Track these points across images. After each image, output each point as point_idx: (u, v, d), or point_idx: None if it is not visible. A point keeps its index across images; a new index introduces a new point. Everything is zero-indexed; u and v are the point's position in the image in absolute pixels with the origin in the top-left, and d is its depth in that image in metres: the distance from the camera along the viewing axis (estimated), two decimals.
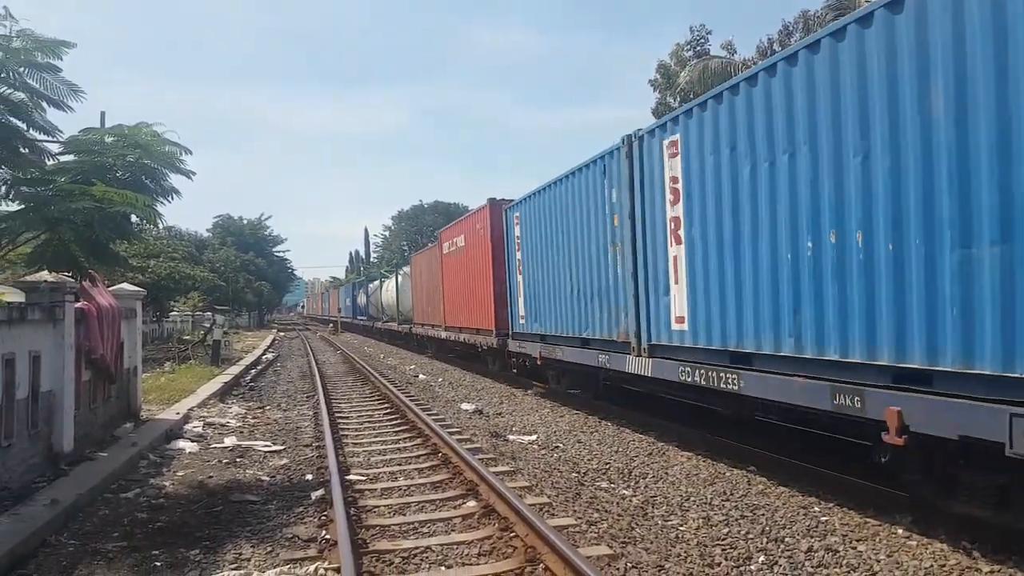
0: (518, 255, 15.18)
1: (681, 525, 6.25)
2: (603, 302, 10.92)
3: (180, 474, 8.62)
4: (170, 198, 8.05)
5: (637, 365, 9.74)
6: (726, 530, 6.09)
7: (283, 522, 6.60)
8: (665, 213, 8.97)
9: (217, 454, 9.74)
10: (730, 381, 7.56)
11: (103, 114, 9.12)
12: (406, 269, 31.24)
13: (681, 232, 8.63)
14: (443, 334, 22.36)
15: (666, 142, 8.87)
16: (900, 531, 5.93)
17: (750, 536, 5.92)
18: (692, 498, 7.01)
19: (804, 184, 6.54)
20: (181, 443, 10.31)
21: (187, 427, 11.51)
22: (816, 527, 6.08)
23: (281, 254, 76.81)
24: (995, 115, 4.87)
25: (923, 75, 5.37)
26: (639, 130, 9.57)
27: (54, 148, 7.84)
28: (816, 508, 6.61)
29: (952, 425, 5.09)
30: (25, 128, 7.31)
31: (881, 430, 5.60)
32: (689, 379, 8.38)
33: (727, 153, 7.63)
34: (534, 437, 10.32)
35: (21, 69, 6.98)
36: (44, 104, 7.32)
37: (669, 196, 8.86)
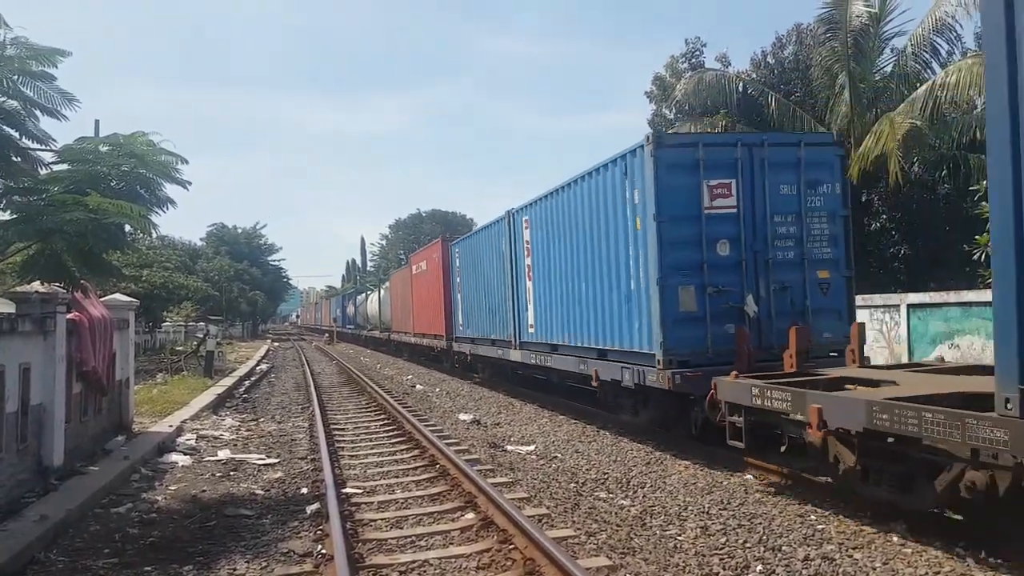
0: (458, 279, 21.02)
1: (679, 535, 6.22)
2: (501, 314, 16.62)
3: (173, 488, 8.53)
4: (165, 208, 8.00)
5: (514, 355, 15.76)
6: (724, 539, 6.06)
7: (278, 536, 6.53)
8: (524, 262, 14.98)
9: (210, 467, 9.65)
10: (546, 360, 13.85)
11: (97, 123, 9.14)
12: (387, 284, 36.47)
13: (531, 273, 14.55)
14: (412, 339, 27.94)
15: (524, 219, 14.80)
16: (895, 538, 5.93)
17: (748, 545, 5.89)
18: (690, 507, 6.97)
19: (568, 255, 12.37)
20: (174, 456, 10.22)
21: (180, 440, 11.41)
22: (813, 535, 6.06)
23: (276, 263, 76.72)
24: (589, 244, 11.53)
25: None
26: (512, 209, 15.57)
27: (48, 157, 7.79)
28: (812, 516, 6.59)
29: (613, 372, 10.66)
30: (18, 136, 7.27)
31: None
32: (533, 361, 14.61)
33: (548, 230, 13.38)
34: (532, 447, 10.27)
35: (15, 77, 6.94)
36: (38, 112, 7.28)
37: (526, 252, 14.84)
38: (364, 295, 45.69)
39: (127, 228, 8.01)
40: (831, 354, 9.25)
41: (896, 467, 6.02)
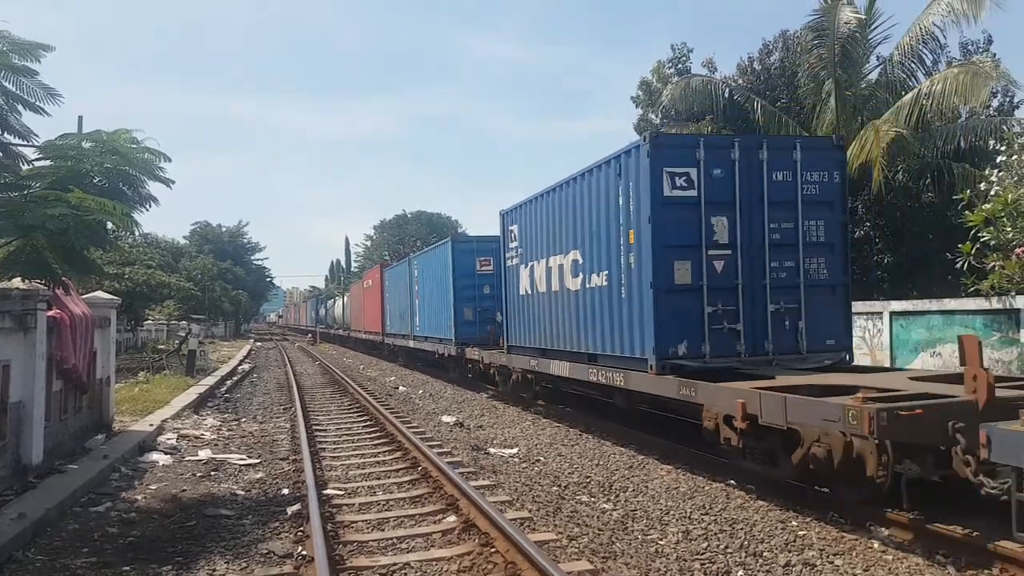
0: (387, 295, 28.98)
1: (661, 539, 6.24)
2: (404, 318, 24.85)
3: (153, 487, 8.46)
4: (148, 206, 7.92)
5: (410, 343, 23.88)
6: (705, 544, 6.08)
7: (258, 537, 6.49)
8: (414, 287, 22.18)
9: (191, 467, 9.58)
10: (421, 344, 20.74)
11: (80, 119, 9.01)
12: (349, 292, 46.16)
13: (418, 293, 20.88)
14: (363, 335, 37.06)
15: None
16: (876, 545, 5.98)
17: (729, 550, 5.92)
18: (672, 512, 7.00)
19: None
20: (154, 455, 10.13)
21: (160, 439, 11.31)
22: (794, 541, 6.10)
23: (260, 262, 76.24)
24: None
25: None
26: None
27: (30, 153, 7.69)
28: (794, 522, 6.63)
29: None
30: (0, 132, 7.18)
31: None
32: (412, 345, 22.03)
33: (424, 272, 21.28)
34: (515, 450, 10.26)
35: None
36: (20, 107, 7.19)
37: (415, 281, 21.88)
38: (332, 300, 56.17)
39: (110, 226, 7.92)
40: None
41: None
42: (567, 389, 13.72)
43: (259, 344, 52.26)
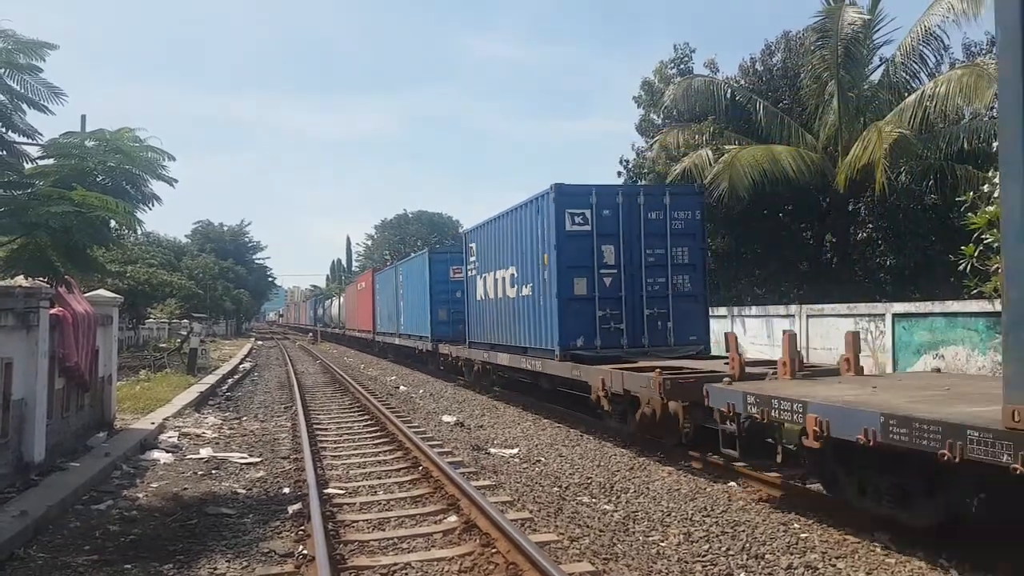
0: (378, 297, 31.90)
1: (662, 541, 6.23)
2: (391, 318, 28.13)
3: (154, 486, 8.47)
4: (151, 204, 7.95)
5: (396, 340, 27.51)
6: (707, 546, 6.07)
7: (259, 536, 6.49)
8: (399, 291, 25.97)
9: (192, 465, 9.58)
10: (405, 340, 24.70)
11: (84, 118, 8.99)
12: (344, 293, 49.42)
13: (402, 296, 25.15)
14: (356, 334, 40.07)
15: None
16: (878, 548, 5.96)
17: (731, 553, 5.91)
18: (673, 513, 6.99)
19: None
20: (155, 454, 10.14)
21: (162, 437, 11.32)
22: (796, 544, 6.08)
23: (261, 261, 76.21)
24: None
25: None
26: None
27: (33, 151, 7.71)
28: (796, 525, 6.62)
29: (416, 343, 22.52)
30: (3, 130, 7.19)
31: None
32: (397, 342, 26.55)
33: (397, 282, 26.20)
34: (516, 450, 10.26)
35: (1, 70, 6.86)
36: (24, 106, 7.20)
37: (400, 286, 26.13)
38: (330, 300, 59.66)
39: (112, 224, 7.93)
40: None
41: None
42: (516, 377, 15.78)
43: (260, 343, 52.26)
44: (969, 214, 11.74)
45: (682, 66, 25.42)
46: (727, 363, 9.13)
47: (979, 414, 5.01)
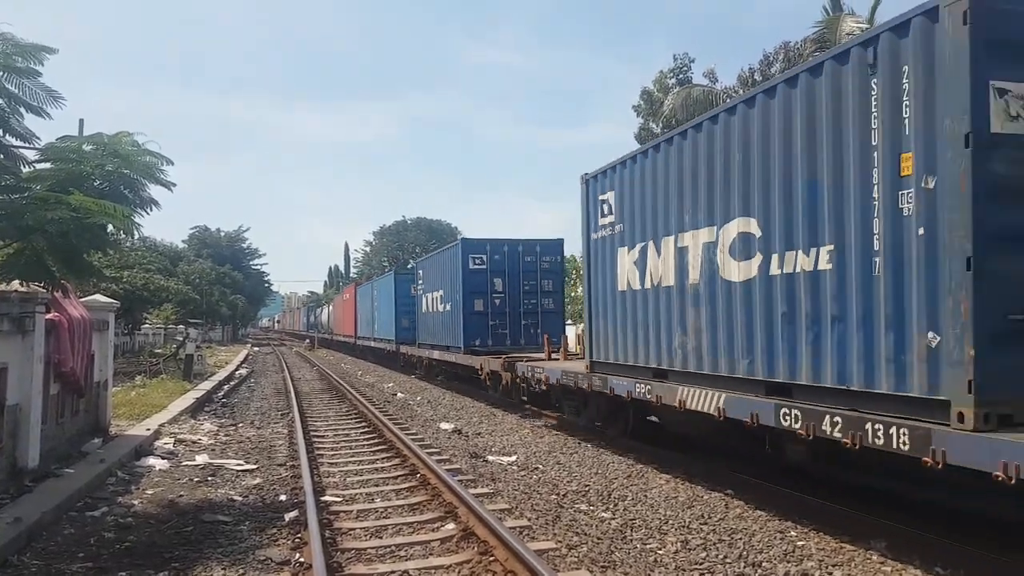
0: (356, 305, 37.52)
1: (660, 549, 6.21)
2: (369, 324, 33.57)
3: (149, 492, 8.42)
4: (149, 209, 7.90)
5: (371, 343, 33.65)
6: (704, 554, 6.06)
7: (256, 544, 6.45)
8: (373, 303, 33.11)
9: (188, 472, 9.54)
10: (377, 343, 31.22)
11: (81, 122, 8.96)
12: (333, 302, 56.57)
13: (376, 307, 32.34)
14: (341, 338, 46.17)
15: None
16: (875, 556, 5.95)
17: (728, 560, 5.90)
18: (671, 521, 6.97)
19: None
20: (151, 460, 10.08)
21: (157, 444, 11.27)
22: (793, 552, 6.07)
23: (258, 267, 76.17)
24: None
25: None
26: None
27: (31, 155, 7.68)
28: (793, 532, 6.61)
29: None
30: (1, 134, 7.17)
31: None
32: (372, 344, 33.09)
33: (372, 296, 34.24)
34: (514, 458, 10.23)
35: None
36: (22, 110, 7.17)
37: (373, 300, 33.80)
38: (320, 308, 66.68)
39: (110, 229, 7.90)
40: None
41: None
42: (449, 369, 20.90)
43: (256, 349, 52.15)
44: None
45: (681, 76, 25.57)
46: (555, 355, 14.57)
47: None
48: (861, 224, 5.91)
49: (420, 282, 23.45)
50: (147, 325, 34.13)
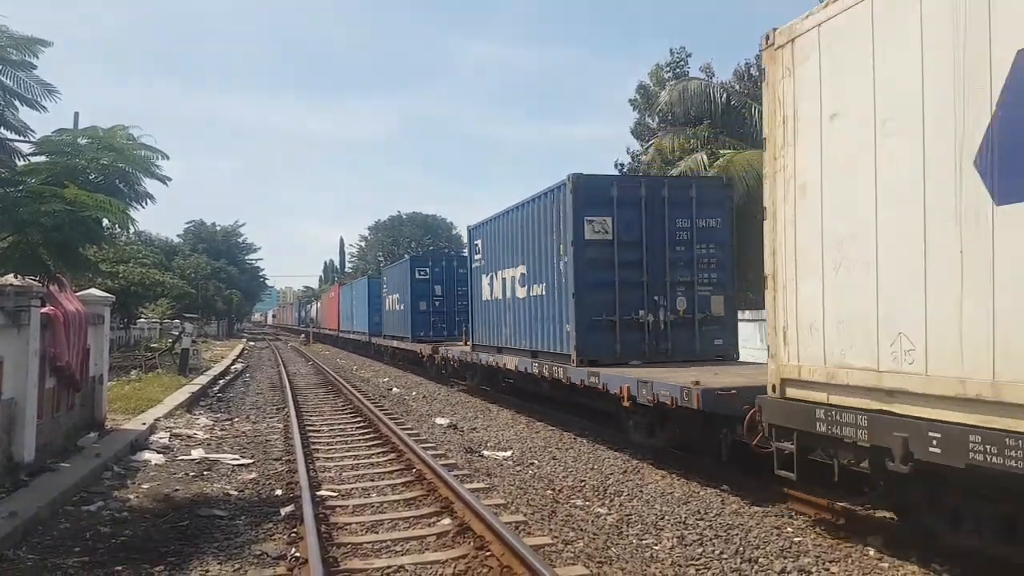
0: (339, 303, 44.08)
1: (656, 544, 6.22)
2: (350, 319, 39.07)
3: (145, 487, 8.41)
4: (144, 203, 7.88)
5: (351, 335, 39.21)
6: (700, 550, 6.07)
7: (252, 538, 6.45)
8: (349, 301, 41.44)
9: (184, 466, 9.53)
10: (358, 336, 36.39)
11: (76, 115, 8.96)
12: (321, 299, 63.44)
13: (348, 304, 41.50)
14: (327, 331, 51.44)
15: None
16: (872, 552, 5.97)
17: (724, 556, 5.91)
18: (667, 517, 6.98)
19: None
20: (147, 454, 10.07)
21: (153, 438, 11.26)
22: (789, 548, 6.08)
23: (253, 262, 75.95)
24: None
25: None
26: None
27: (25, 148, 7.65)
28: (789, 529, 6.62)
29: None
30: None
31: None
32: (353, 337, 38.39)
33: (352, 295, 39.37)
34: (509, 453, 10.24)
35: None
36: (17, 103, 7.15)
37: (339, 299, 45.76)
38: (311, 304, 73.51)
39: (105, 223, 7.88)
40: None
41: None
42: (406, 356, 24.71)
43: (252, 344, 52.11)
44: None
45: (677, 70, 25.51)
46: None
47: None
48: (552, 273, 12.11)
49: (384, 286, 28.96)
50: (143, 319, 34.05)
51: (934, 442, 4.83)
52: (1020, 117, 4.37)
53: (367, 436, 11.80)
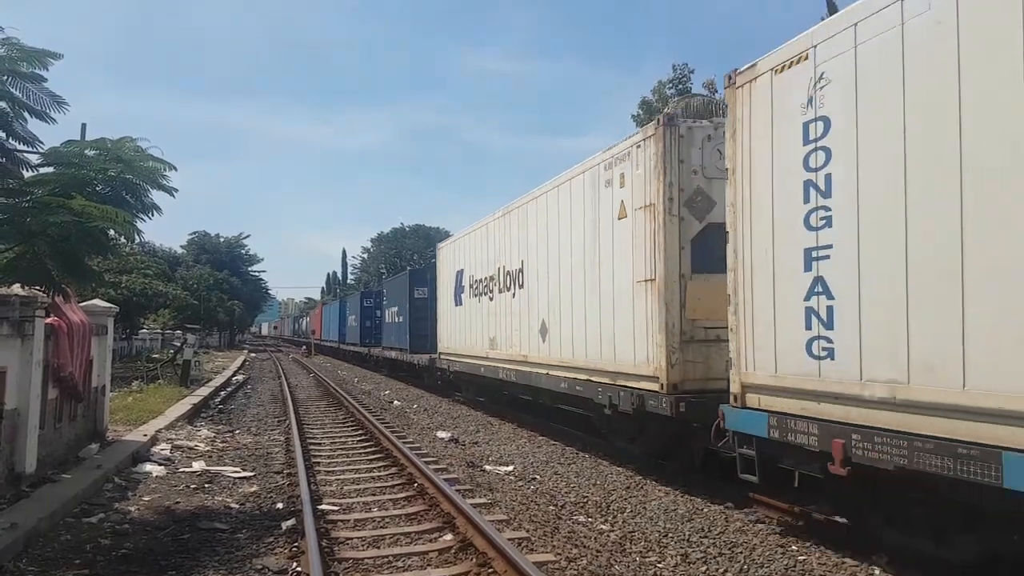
0: (320, 318, 60.40)
1: (659, 562, 6.18)
2: (330, 332, 52.03)
3: (146, 499, 8.38)
4: (151, 215, 7.88)
5: (337, 345, 47.81)
6: (704, 568, 6.03)
7: (253, 552, 6.42)
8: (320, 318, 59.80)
9: (185, 479, 9.50)
10: (342, 344, 45.25)
11: (84, 126, 9.01)
12: (312, 312, 74.95)
13: (321, 321, 60.93)
14: (314, 340, 59.84)
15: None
16: (877, 572, 5.93)
17: (728, 575, 5.87)
18: (670, 534, 6.94)
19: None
20: (148, 466, 10.04)
21: (154, 450, 11.23)
22: (794, 567, 6.04)
23: (256, 273, 76.08)
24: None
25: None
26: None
27: (34, 159, 7.67)
28: (794, 547, 6.58)
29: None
30: (5, 138, 7.17)
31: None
32: (333, 345, 50.14)
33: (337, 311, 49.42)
34: (511, 468, 10.20)
35: (4, 78, 6.85)
36: (26, 114, 7.17)
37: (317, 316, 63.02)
38: (303, 317, 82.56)
39: (111, 233, 7.89)
40: None
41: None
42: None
43: (253, 355, 52.08)
44: None
45: (680, 86, 25.61)
46: None
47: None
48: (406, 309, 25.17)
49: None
50: (144, 330, 34.06)
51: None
52: None
53: (369, 449, 11.77)
